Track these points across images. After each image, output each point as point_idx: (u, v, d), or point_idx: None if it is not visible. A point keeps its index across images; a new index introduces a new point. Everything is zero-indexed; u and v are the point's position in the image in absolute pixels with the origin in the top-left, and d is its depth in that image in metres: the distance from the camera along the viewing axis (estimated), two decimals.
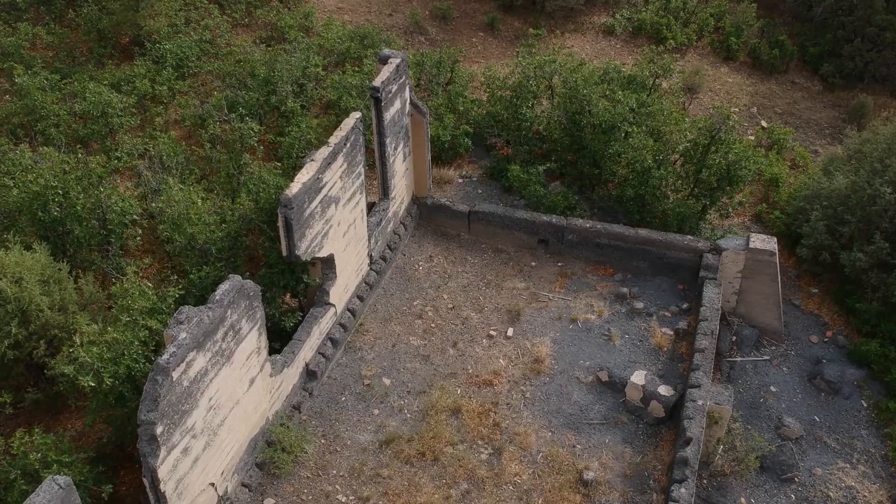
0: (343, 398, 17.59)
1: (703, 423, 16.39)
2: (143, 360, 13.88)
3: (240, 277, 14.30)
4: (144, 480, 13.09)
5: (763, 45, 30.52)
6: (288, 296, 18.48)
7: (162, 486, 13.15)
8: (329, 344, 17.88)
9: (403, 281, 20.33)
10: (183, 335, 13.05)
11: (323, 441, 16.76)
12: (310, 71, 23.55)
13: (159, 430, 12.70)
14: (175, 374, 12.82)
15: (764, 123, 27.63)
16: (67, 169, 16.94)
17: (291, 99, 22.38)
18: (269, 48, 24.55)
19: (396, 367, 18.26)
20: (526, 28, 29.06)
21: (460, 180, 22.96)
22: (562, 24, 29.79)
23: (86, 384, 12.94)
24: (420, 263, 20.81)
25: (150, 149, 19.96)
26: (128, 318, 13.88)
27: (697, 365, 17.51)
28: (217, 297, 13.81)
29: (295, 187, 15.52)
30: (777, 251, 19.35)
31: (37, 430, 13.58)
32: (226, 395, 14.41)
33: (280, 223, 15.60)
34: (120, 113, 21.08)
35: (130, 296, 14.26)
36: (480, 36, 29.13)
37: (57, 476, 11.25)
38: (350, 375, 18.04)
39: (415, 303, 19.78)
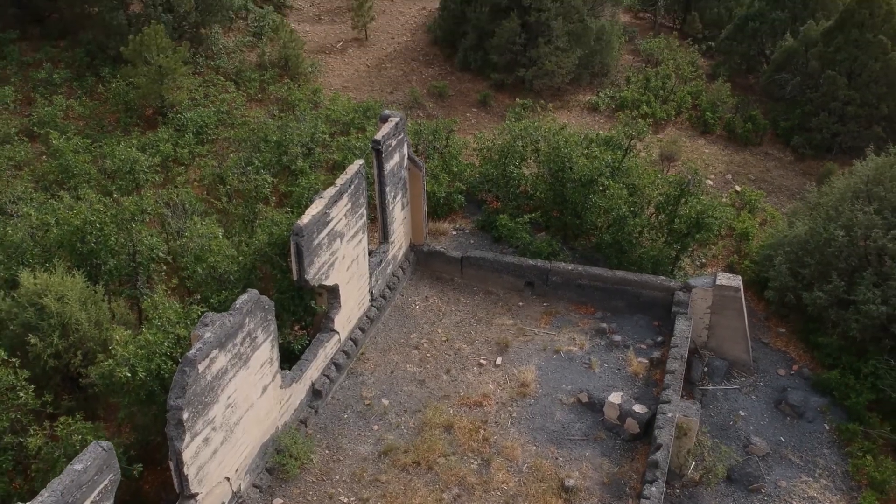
0: (345, 416, 19.71)
1: (672, 432, 18.45)
2: (170, 362, 16.15)
3: (257, 291, 16.74)
4: (170, 463, 15.19)
5: (737, 119, 33.67)
6: (297, 328, 20.84)
7: (185, 469, 15.23)
8: (333, 368, 20.13)
9: (401, 317, 22.70)
10: (208, 334, 15.40)
11: (327, 451, 18.80)
12: (318, 137, 26.54)
13: (185, 415, 14.88)
14: (200, 367, 15.09)
15: (738, 188, 30.42)
16: (102, 209, 19.60)
17: (301, 159, 25.26)
18: (282, 115, 27.64)
19: (394, 390, 20.44)
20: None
21: (454, 232, 25.61)
22: (549, 100, 33.01)
23: (122, 375, 15.19)
24: (417, 303, 23.23)
25: (175, 197, 22.69)
26: (158, 324, 16.23)
27: (668, 384, 19.71)
28: (237, 305, 16.21)
29: (305, 218, 18.13)
30: (742, 287, 21.77)
31: (78, 415, 15.77)
32: (242, 395, 16.61)
33: (292, 250, 18.13)
34: (146, 170, 23.91)
35: (161, 306, 16.65)
36: (473, 111, 32.35)
37: (100, 441, 13.41)
38: (352, 396, 20.21)
39: (412, 336, 22.10)
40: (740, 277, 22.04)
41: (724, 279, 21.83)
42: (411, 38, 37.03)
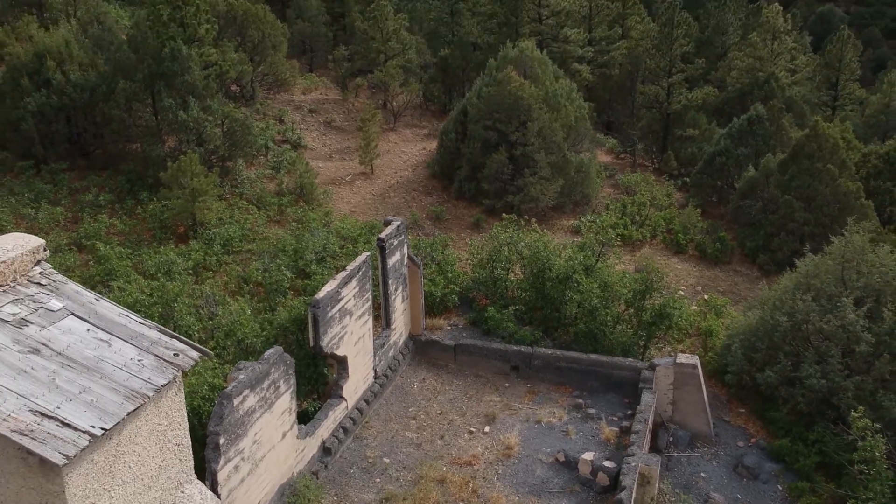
0: (351, 470, 23.14)
1: (635, 477, 21.83)
2: (208, 404, 19.93)
3: (281, 348, 20.72)
4: (206, 483, 18.67)
5: (707, 240, 38.35)
6: (308, 400, 24.58)
7: (219, 489, 18.70)
8: (341, 430, 23.72)
9: (401, 395, 26.44)
10: (241, 376, 19.28)
11: (335, 498, 22.14)
12: (329, 247, 31.13)
13: (222, 440, 18.53)
14: (235, 402, 18.87)
15: (706, 296, 34.65)
16: (149, 292, 23.87)
17: (314, 264, 29.73)
18: (299, 226, 32.41)
19: (394, 451, 23.93)
20: None
21: (448, 327, 29.67)
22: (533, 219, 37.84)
23: None
24: (415, 383, 27.02)
25: (206, 290, 26.98)
26: (198, 370, 20.13)
27: (633, 441, 23.23)
28: (265, 356, 20.16)
29: (321, 293, 22.34)
30: (699, 365, 25.60)
31: None
32: (266, 436, 20.24)
33: (309, 320, 22.21)
34: (181, 271, 28.32)
35: (200, 362, 20.57)
36: (468, 231, 37.12)
37: None
38: (357, 456, 23.69)
39: (410, 409, 25.77)
40: (697, 357, 25.90)
41: (683, 358, 25.69)
42: (412, 172, 42.42)
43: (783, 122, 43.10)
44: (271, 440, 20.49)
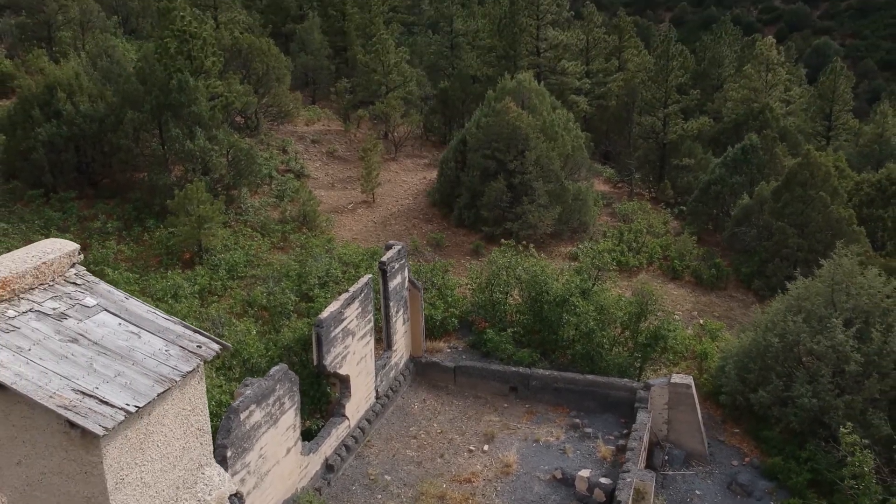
0: (353, 487, 23.84)
1: (630, 493, 22.52)
2: (215, 420, 20.65)
3: (286, 365, 21.53)
4: None
5: (703, 266, 39.22)
6: (312, 418, 25.33)
7: None
8: (344, 448, 24.45)
9: (402, 415, 27.18)
10: (248, 391, 20.09)
11: None
12: (331, 272, 32.01)
13: (229, 453, 19.28)
14: (242, 416, 19.66)
15: (701, 321, 35.45)
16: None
17: (317, 289, 30.60)
18: (302, 251, 33.33)
19: (395, 469, 24.64)
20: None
21: (448, 350, 30.48)
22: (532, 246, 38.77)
23: None
24: (416, 404, 27.77)
25: (212, 312, 27.84)
26: (206, 387, 20.91)
27: (628, 458, 23.94)
28: (271, 373, 20.98)
29: (325, 313, 23.20)
30: (693, 385, 26.37)
31: None
32: (271, 450, 20.98)
33: (313, 339, 23.05)
34: (188, 295, 29.20)
35: (207, 378, 21.37)
36: (467, 258, 38.04)
37: None
38: (359, 473, 24.39)
39: (411, 429, 26.50)
40: (691, 377, 26.68)
41: (677, 378, 26.48)
42: (413, 201, 43.45)
43: (777, 150, 44.21)
44: (276, 455, 21.23)
